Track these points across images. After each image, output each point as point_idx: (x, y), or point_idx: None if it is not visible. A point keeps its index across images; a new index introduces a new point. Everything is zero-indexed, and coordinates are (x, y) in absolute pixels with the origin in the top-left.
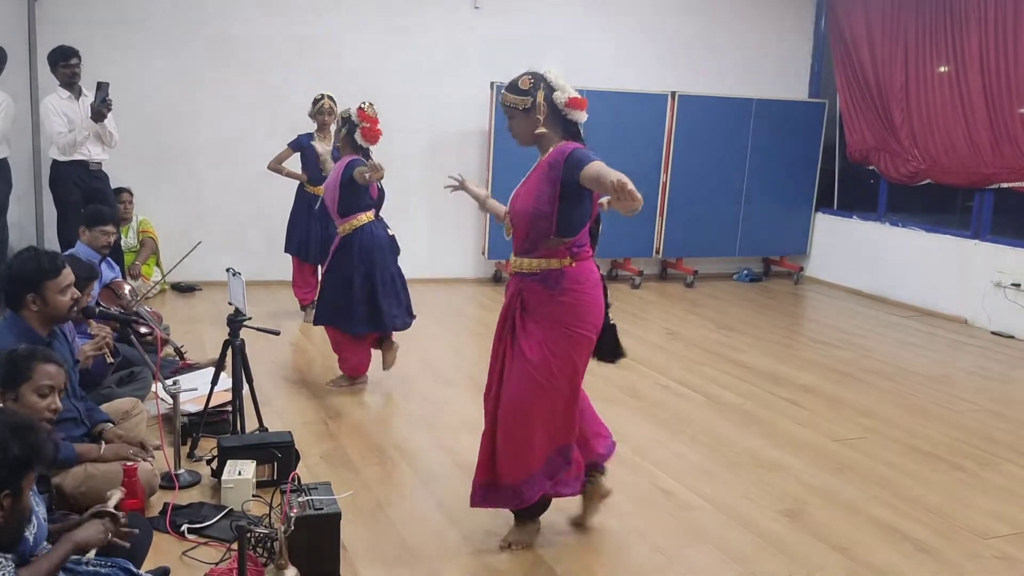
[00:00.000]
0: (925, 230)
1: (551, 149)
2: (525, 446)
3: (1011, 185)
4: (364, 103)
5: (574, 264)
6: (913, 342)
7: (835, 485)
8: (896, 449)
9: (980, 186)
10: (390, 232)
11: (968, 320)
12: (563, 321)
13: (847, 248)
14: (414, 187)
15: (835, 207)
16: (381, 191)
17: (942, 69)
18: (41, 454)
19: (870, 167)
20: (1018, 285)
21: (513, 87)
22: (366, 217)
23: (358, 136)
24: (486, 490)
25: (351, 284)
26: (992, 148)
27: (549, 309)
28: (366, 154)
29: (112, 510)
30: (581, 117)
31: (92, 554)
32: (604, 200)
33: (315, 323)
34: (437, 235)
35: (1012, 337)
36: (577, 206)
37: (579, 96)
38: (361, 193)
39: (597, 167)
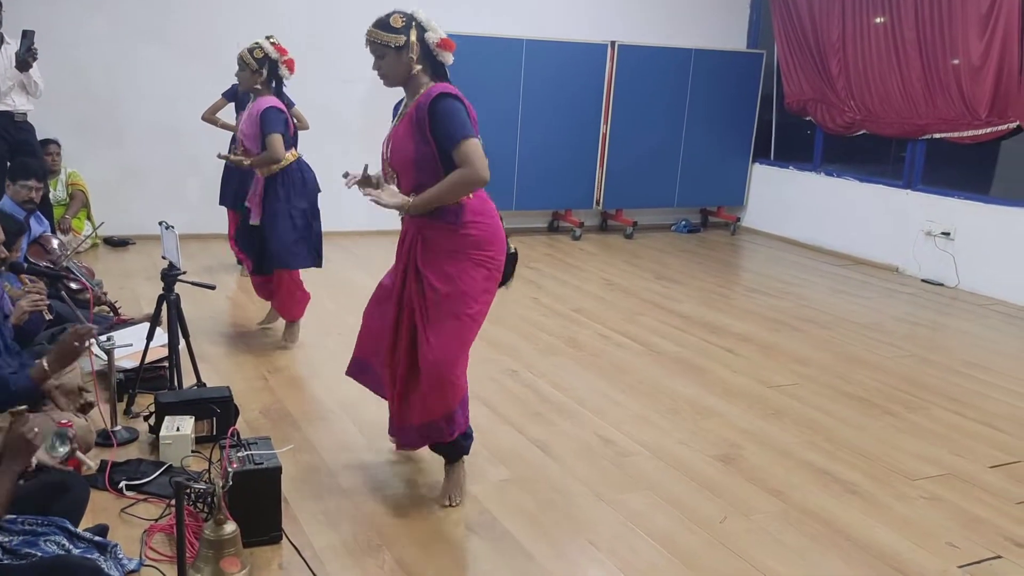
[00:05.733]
0: (859, 180)
1: (420, 92)
2: (453, 389)
3: (943, 135)
4: (258, 46)
5: (471, 197)
6: (846, 290)
7: (769, 430)
8: (828, 395)
9: (913, 136)
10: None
11: (899, 268)
12: (469, 252)
13: (783, 198)
14: (353, 137)
15: (772, 158)
16: (296, 127)
17: (878, 20)
18: None
19: (807, 118)
20: (947, 234)
21: (383, 25)
22: (291, 156)
23: (284, 72)
24: (406, 431)
25: (293, 220)
26: (925, 99)
27: (453, 243)
28: (281, 84)
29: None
30: (449, 59)
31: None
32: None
33: (270, 270)
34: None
35: (941, 285)
36: None
37: (449, 37)
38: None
39: (464, 157)
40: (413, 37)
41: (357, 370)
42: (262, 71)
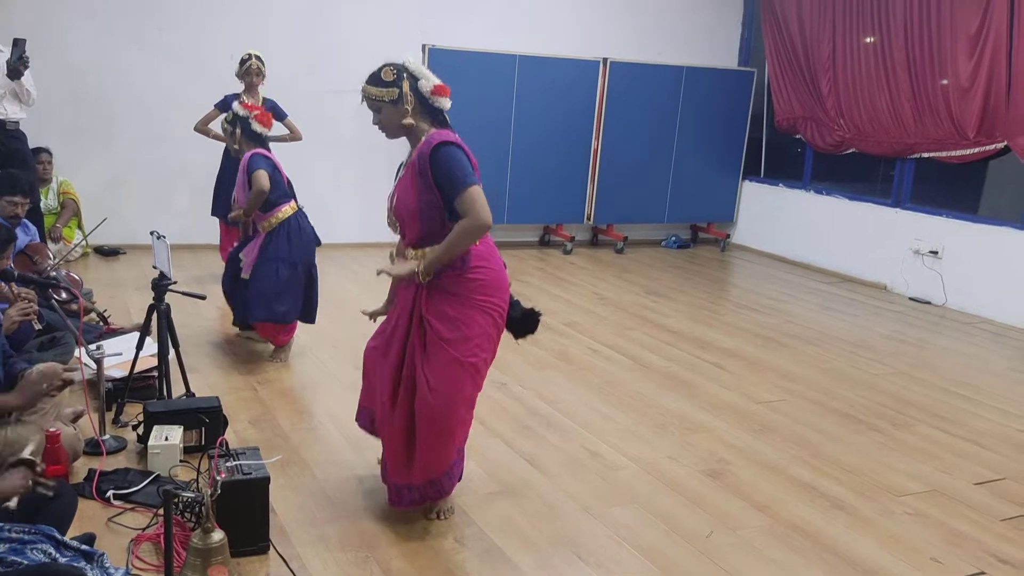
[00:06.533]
0: (848, 198)
1: (422, 139)
2: (450, 438)
3: (931, 155)
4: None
5: (477, 242)
6: (834, 307)
7: (757, 445)
8: (815, 411)
9: (902, 155)
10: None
11: (888, 286)
12: (475, 297)
13: (773, 216)
14: (346, 149)
15: (762, 175)
16: (289, 180)
17: (868, 40)
18: None
19: (797, 136)
20: (935, 252)
21: (376, 80)
22: (290, 209)
23: (257, 127)
24: (406, 491)
25: (278, 272)
26: (914, 119)
27: (458, 288)
28: (265, 140)
29: (29, 458)
30: (446, 104)
31: (15, 502)
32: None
33: (249, 321)
34: (368, 198)
35: (929, 303)
36: None
37: (442, 84)
38: (276, 185)
39: (468, 204)
40: (406, 88)
41: (368, 420)
42: (236, 131)
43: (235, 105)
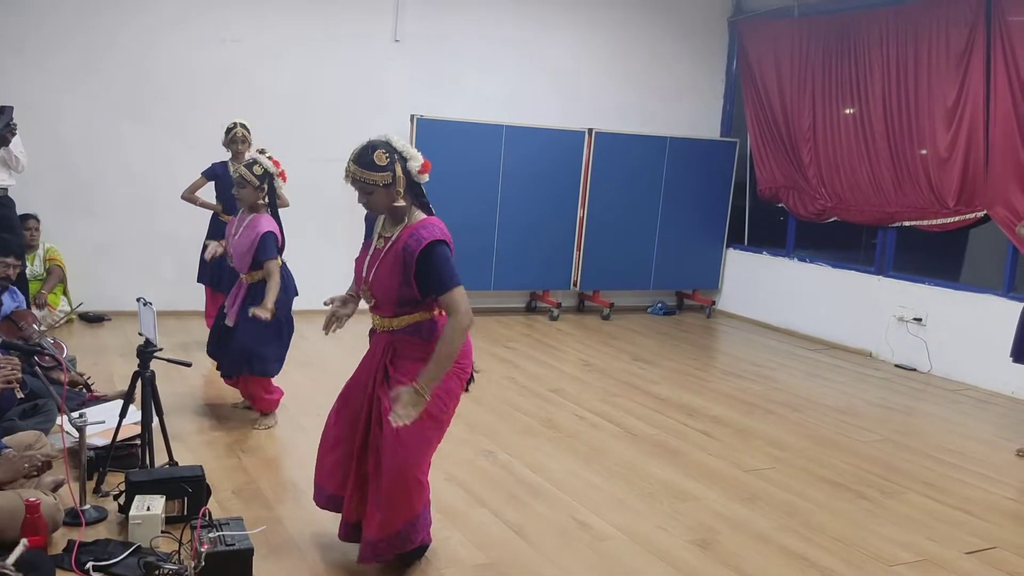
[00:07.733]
0: (831, 266)
1: (406, 223)
2: (417, 486)
3: (912, 223)
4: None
5: (442, 313)
6: (820, 374)
7: (745, 514)
8: (804, 479)
9: (883, 224)
10: None
11: (872, 353)
12: None
13: (757, 283)
14: (336, 217)
15: (746, 243)
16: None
17: (848, 111)
18: None
19: (779, 205)
20: (919, 319)
21: (368, 164)
22: (275, 264)
23: (279, 183)
24: (371, 545)
25: (271, 330)
26: (894, 188)
27: (427, 353)
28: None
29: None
30: (425, 179)
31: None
32: None
33: (233, 374)
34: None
35: (914, 370)
36: None
37: (427, 160)
38: None
39: (453, 305)
40: (399, 171)
41: (329, 501)
42: (264, 186)
43: (263, 159)
